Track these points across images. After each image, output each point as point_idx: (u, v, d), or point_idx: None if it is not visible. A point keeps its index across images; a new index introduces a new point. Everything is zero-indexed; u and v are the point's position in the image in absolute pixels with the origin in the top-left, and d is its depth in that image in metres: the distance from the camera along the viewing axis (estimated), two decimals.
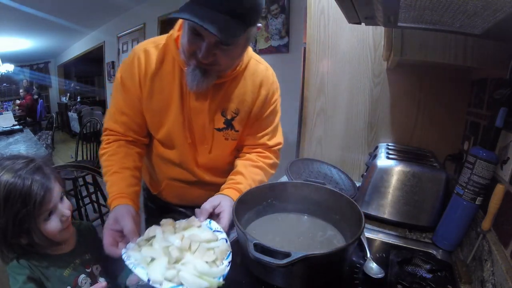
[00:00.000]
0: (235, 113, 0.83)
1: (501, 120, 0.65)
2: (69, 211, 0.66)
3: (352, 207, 0.71)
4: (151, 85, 0.78)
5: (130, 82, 0.79)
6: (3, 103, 7.45)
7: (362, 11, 0.61)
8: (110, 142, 0.83)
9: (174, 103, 0.79)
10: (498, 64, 0.71)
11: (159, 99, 0.79)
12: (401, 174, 0.87)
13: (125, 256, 0.58)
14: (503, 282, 0.50)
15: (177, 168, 0.88)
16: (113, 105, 0.84)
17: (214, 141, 0.84)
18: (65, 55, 7.45)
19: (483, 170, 0.67)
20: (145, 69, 0.78)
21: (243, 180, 0.81)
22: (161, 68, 0.78)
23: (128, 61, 0.80)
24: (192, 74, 0.70)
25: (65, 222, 0.65)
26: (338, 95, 1.30)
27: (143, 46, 0.80)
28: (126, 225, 0.63)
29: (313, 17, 1.28)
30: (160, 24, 3.61)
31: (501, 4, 0.38)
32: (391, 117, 1.21)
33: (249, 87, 0.83)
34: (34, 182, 0.59)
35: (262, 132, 0.88)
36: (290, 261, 0.50)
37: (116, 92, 0.82)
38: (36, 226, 0.60)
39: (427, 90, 1.13)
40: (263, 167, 0.87)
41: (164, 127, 0.82)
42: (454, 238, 0.74)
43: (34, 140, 2.78)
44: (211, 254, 0.60)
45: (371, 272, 0.64)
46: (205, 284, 0.53)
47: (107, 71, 4.93)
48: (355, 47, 1.22)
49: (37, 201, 0.58)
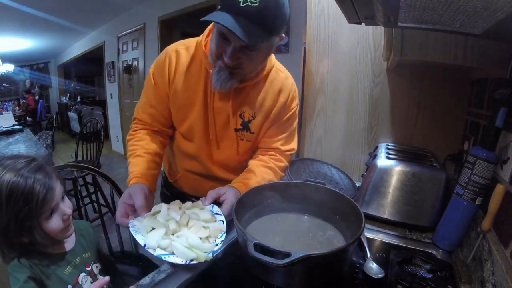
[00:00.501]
0: (252, 116, 0.88)
1: (501, 120, 0.65)
2: (70, 210, 0.67)
3: (352, 207, 0.71)
4: (178, 83, 0.85)
5: (160, 79, 0.86)
6: (3, 103, 7.45)
7: (362, 11, 0.61)
8: (137, 129, 0.92)
9: (198, 101, 0.85)
10: (498, 64, 0.71)
11: (185, 96, 0.85)
12: (401, 174, 0.87)
13: (130, 224, 0.66)
14: (503, 282, 0.50)
15: (193, 161, 0.94)
16: (143, 98, 0.91)
17: (230, 140, 0.89)
18: (65, 55, 7.45)
19: (483, 170, 0.67)
20: (175, 69, 0.84)
21: (253, 177, 0.85)
22: (189, 68, 0.84)
23: (160, 60, 0.87)
24: (217, 75, 0.75)
25: (67, 221, 0.66)
26: (338, 95, 1.30)
27: (175, 47, 0.86)
28: (137, 200, 0.70)
29: (313, 17, 1.28)
30: (160, 24, 3.61)
31: (501, 4, 0.38)
32: (391, 117, 1.21)
33: (268, 93, 0.88)
34: (37, 181, 0.59)
35: (277, 137, 0.93)
36: (290, 261, 0.50)
37: (147, 86, 0.90)
38: (38, 225, 0.61)
39: (427, 90, 1.13)
40: (274, 169, 0.91)
41: (187, 122, 0.88)
42: (454, 238, 0.74)
43: (34, 140, 2.78)
44: (206, 231, 0.66)
45: (371, 272, 0.64)
46: (192, 255, 0.60)
47: (107, 71, 4.92)
48: (355, 47, 1.22)
49: (40, 200, 0.59)
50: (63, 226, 0.65)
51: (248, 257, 0.61)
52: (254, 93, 0.86)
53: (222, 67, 0.73)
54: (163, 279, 0.64)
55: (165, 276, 0.65)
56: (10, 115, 4.15)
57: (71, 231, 0.69)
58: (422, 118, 1.16)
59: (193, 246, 0.61)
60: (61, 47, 6.98)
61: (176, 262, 0.60)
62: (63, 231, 0.66)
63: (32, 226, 0.60)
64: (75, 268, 0.70)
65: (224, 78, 0.74)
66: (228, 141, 0.90)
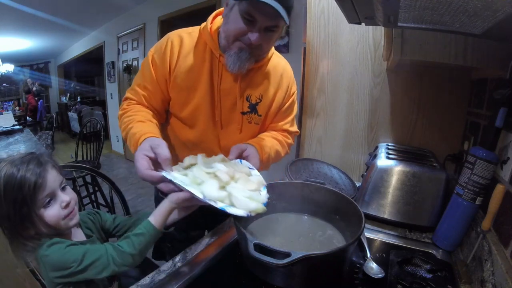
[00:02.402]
0: (259, 99, 0.89)
1: (501, 120, 0.65)
2: (69, 198, 0.66)
3: (352, 207, 0.71)
4: (181, 65, 0.84)
5: (160, 62, 0.85)
6: (3, 103, 7.44)
7: (362, 11, 0.61)
8: (131, 104, 0.87)
9: (203, 84, 0.84)
10: (498, 64, 0.71)
11: (188, 77, 0.84)
12: (401, 174, 0.87)
13: (170, 176, 0.60)
14: (503, 282, 0.50)
15: (195, 149, 0.89)
16: (138, 79, 0.89)
17: (238, 123, 0.90)
18: (65, 55, 7.44)
19: (483, 170, 0.67)
20: (178, 52, 0.84)
21: (265, 142, 0.87)
22: (193, 51, 0.85)
23: (161, 43, 0.86)
24: (236, 56, 0.77)
25: (67, 209, 0.66)
26: (338, 95, 1.30)
27: (177, 32, 0.87)
28: (162, 151, 0.65)
29: (313, 17, 1.28)
30: (160, 24, 3.61)
31: (501, 4, 0.38)
32: (391, 117, 1.21)
33: (272, 77, 0.91)
34: (28, 170, 0.61)
35: (283, 121, 0.96)
36: (290, 261, 0.50)
37: (144, 70, 0.88)
38: (35, 213, 0.61)
39: (427, 90, 1.13)
40: (282, 142, 0.94)
41: (190, 105, 0.86)
42: (454, 238, 0.74)
43: (34, 140, 2.78)
44: (252, 184, 0.65)
45: (371, 272, 0.64)
46: (253, 206, 0.58)
47: (107, 71, 4.92)
48: (355, 47, 1.22)
49: (31, 186, 0.60)
50: (64, 214, 0.65)
51: (248, 257, 0.61)
52: (259, 76, 0.89)
53: (243, 47, 0.76)
54: (163, 279, 0.64)
55: (165, 276, 0.65)
56: (10, 115, 4.15)
57: (75, 220, 0.68)
58: (422, 118, 1.16)
59: (251, 197, 0.60)
60: (61, 47, 6.98)
61: (238, 214, 0.57)
62: (65, 220, 0.65)
63: (31, 214, 0.61)
64: None
65: (244, 58, 0.77)
66: (234, 125, 0.90)
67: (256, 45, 0.75)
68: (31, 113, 6.85)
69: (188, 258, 0.72)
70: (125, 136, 0.80)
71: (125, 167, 4.51)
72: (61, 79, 8.45)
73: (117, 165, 4.65)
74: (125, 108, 0.87)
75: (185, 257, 0.73)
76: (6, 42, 5.60)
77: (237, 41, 0.76)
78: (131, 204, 3.01)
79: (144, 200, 3.20)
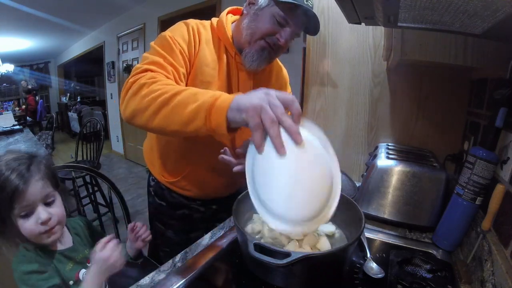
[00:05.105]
0: None
1: (501, 120, 0.65)
2: (48, 216, 0.62)
3: (352, 207, 0.71)
4: (202, 56, 0.80)
5: (180, 39, 0.76)
6: (3, 103, 7.44)
7: (362, 11, 0.61)
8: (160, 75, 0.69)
9: (220, 81, 0.84)
10: (498, 64, 0.71)
11: (205, 71, 0.81)
12: (401, 174, 0.87)
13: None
14: (503, 282, 0.50)
15: (207, 149, 0.84)
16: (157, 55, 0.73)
17: None
18: (65, 55, 7.44)
19: (483, 170, 0.67)
20: (199, 37, 0.80)
21: None
22: (210, 45, 0.83)
23: (180, 28, 0.79)
24: (256, 54, 0.79)
25: (44, 226, 0.62)
26: (338, 95, 1.30)
27: (194, 21, 0.83)
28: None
29: None
30: (160, 24, 3.61)
31: (501, 4, 0.38)
32: (391, 117, 1.21)
33: (273, 77, 0.96)
34: (14, 171, 0.59)
35: None
36: (290, 261, 0.50)
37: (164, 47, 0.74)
38: (10, 219, 0.59)
39: (427, 90, 1.13)
40: None
41: None
42: (454, 238, 0.74)
43: (34, 140, 2.77)
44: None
45: (371, 272, 0.64)
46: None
47: (107, 71, 4.92)
48: (355, 47, 1.22)
49: (11, 190, 0.57)
50: (39, 231, 0.61)
51: (248, 257, 0.61)
52: (264, 76, 0.93)
53: (265, 47, 0.78)
54: (163, 279, 0.64)
55: (165, 276, 0.65)
56: (10, 115, 4.15)
57: (53, 237, 0.65)
58: (422, 118, 1.16)
59: None
60: (61, 47, 6.98)
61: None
62: (42, 236, 0.62)
63: (6, 218, 0.59)
64: (77, 264, 0.70)
65: (265, 57, 0.80)
66: None
67: (280, 46, 0.78)
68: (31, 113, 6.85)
69: (188, 258, 0.72)
70: (165, 101, 0.59)
71: (125, 167, 4.51)
72: (61, 79, 8.45)
73: (117, 165, 4.65)
74: (154, 76, 0.66)
75: (185, 257, 0.73)
76: (6, 42, 5.60)
77: (261, 40, 0.78)
78: (131, 204, 3.01)
79: (144, 200, 3.20)
